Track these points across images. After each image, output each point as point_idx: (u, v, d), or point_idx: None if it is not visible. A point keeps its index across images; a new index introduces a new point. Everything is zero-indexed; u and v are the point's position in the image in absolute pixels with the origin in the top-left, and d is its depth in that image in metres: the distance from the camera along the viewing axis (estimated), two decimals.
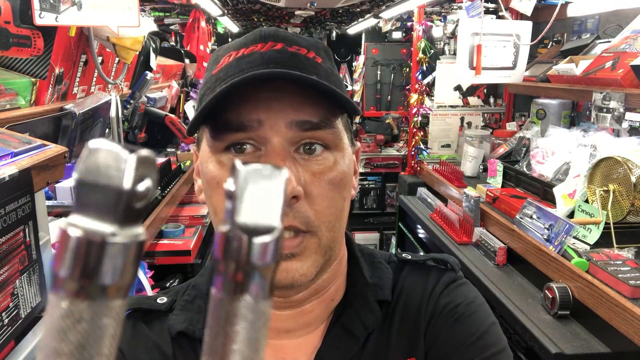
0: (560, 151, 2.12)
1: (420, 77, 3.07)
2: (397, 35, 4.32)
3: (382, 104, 4.69)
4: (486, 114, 3.28)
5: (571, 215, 1.77)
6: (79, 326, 0.19)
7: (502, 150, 2.70)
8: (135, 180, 0.20)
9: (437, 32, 3.43)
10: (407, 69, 4.34)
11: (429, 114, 3.20)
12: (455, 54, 2.88)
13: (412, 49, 3.12)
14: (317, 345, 0.59)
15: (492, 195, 2.19)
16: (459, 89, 3.20)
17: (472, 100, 3.24)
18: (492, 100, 3.26)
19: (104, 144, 0.20)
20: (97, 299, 0.20)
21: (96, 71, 1.58)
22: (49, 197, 1.44)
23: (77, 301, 0.19)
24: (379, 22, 4.00)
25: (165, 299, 0.63)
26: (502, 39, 2.44)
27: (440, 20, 3.45)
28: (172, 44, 3.47)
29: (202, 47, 3.52)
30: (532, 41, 2.42)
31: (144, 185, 0.20)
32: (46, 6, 1.12)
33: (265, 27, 0.56)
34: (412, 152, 3.17)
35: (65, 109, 1.37)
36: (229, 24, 4.43)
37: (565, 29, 2.66)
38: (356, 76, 4.95)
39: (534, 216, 1.79)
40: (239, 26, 4.85)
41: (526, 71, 2.55)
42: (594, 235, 1.62)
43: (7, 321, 0.79)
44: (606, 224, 1.61)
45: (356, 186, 0.63)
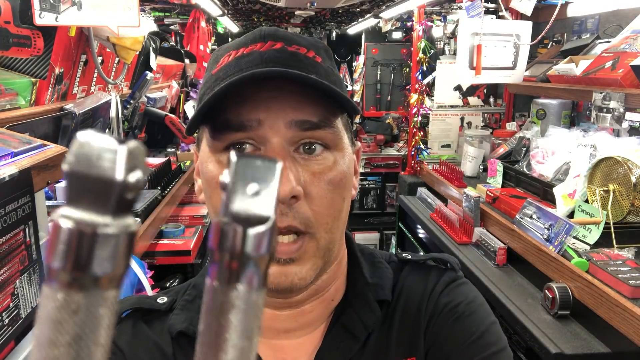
0: (560, 151, 2.12)
1: (420, 77, 3.07)
2: (397, 35, 4.32)
3: (382, 104, 4.69)
4: (486, 114, 3.28)
5: (571, 215, 1.77)
6: (74, 317, 0.19)
7: (502, 150, 2.70)
8: (126, 171, 0.20)
9: (437, 32, 3.43)
10: (407, 69, 4.34)
11: (429, 114, 3.20)
12: (455, 54, 2.88)
13: (412, 49, 3.12)
14: (317, 345, 0.59)
15: (492, 195, 2.19)
16: (459, 89, 3.20)
17: (472, 100, 3.24)
18: (492, 100, 3.26)
19: (93, 136, 0.20)
20: (91, 290, 0.20)
21: (96, 71, 1.58)
22: (49, 197, 1.44)
23: (71, 292, 0.19)
24: (379, 22, 4.00)
25: (165, 299, 0.63)
26: (502, 39, 2.44)
27: (440, 20, 3.45)
28: (172, 44, 3.47)
29: (202, 47, 3.52)
30: (532, 41, 2.42)
31: (134, 176, 0.20)
32: (46, 6, 1.12)
33: (265, 27, 0.55)
34: (412, 152, 3.17)
35: (65, 109, 1.37)
36: (229, 24, 4.42)
37: (565, 29, 2.66)
38: (356, 76, 4.95)
39: (534, 216, 1.79)
40: (239, 26, 4.85)
41: (526, 71, 2.55)
42: (594, 235, 1.62)
43: (7, 321, 0.79)
44: (606, 224, 1.61)
45: (357, 186, 0.62)
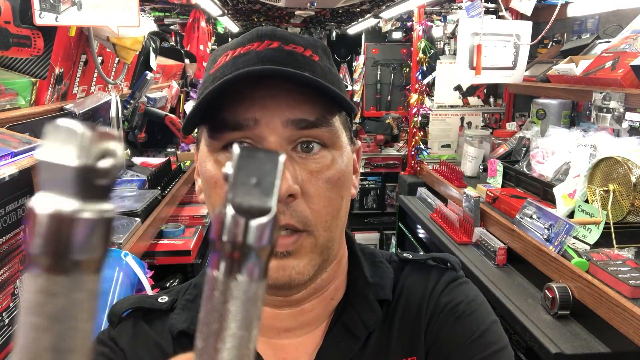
0: (560, 151, 2.12)
1: (420, 77, 3.07)
2: (397, 35, 4.32)
3: (382, 104, 4.69)
4: (486, 114, 3.28)
5: (571, 215, 1.77)
6: (54, 300, 0.20)
7: (502, 150, 2.70)
8: (92, 156, 0.20)
9: (437, 32, 3.42)
10: (407, 69, 4.34)
11: (429, 114, 3.20)
12: (455, 54, 2.88)
13: (412, 49, 3.11)
14: (318, 344, 0.59)
15: (492, 195, 2.19)
16: (459, 89, 3.20)
17: (472, 100, 3.24)
18: (492, 100, 3.26)
19: (63, 122, 0.20)
20: (70, 274, 0.20)
21: (96, 71, 1.58)
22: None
23: (50, 276, 0.20)
24: (379, 22, 3.99)
25: (166, 298, 0.63)
26: (502, 39, 2.44)
27: (440, 20, 3.45)
28: (172, 44, 3.47)
29: (202, 47, 3.52)
30: (532, 41, 2.42)
31: (106, 162, 0.20)
32: (46, 6, 1.12)
33: (262, 27, 0.55)
34: (412, 152, 3.17)
35: (65, 109, 1.37)
36: (229, 24, 4.42)
37: (565, 29, 2.66)
38: (356, 76, 4.95)
39: (534, 216, 1.79)
40: (239, 26, 4.85)
41: (526, 71, 2.55)
42: (594, 235, 1.62)
43: (7, 321, 0.79)
44: (606, 224, 1.61)
45: (357, 185, 0.62)
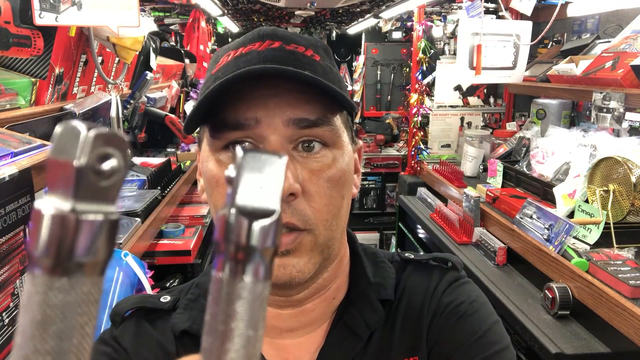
0: (560, 151, 2.12)
1: (420, 77, 3.07)
2: (397, 35, 4.32)
3: (382, 104, 4.69)
4: (486, 114, 3.28)
5: (571, 215, 1.77)
6: (55, 302, 0.20)
7: (502, 150, 2.70)
8: (94, 157, 0.20)
9: (437, 32, 3.42)
10: (407, 69, 4.34)
11: (429, 114, 3.20)
12: (455, 54, 2.88)
13: (412, 49, 3.11)
14: (319, 344, 0.59)
15: (492, 195, 2.18)
16: (459, 89, 3.20)
17: (472, 100, 3.24)
18: (492, 100, 3.26)
19: (69, 123, 0.20)
20: (72, 276, 0.20)
21: (96, 71, 1.58)
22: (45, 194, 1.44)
23: (52, 278, 0.20)
24: (379, 22, 4.00)
25: (168, 298, 0.63)
26: (502, 39, 2.44)
27: (440, 20, 3.45)
28: (172, 44, 3.47)
29: (202, 47, 3.52)
30: (532, 41, 2.42)
31: (109, 164, 0.20)
32: (46, 6, 1.12)
33: (263, 27, 0.56)
34: (412, 152, 3.17)
35: (65, 109, 1.37)
36: (229, 24, 4.42)
37: (565, 29, 2.66)
38: (356, 76, 4.95)
39: (534, 216, 1.79)
40: (239, 26, 4.85)
41: (526, 71, 2.55)
42: (594, 235, 1.62)
43: (7, 321, 0.79)
44: (606, 224, 1.61)
45: (358, 184, 0.62)
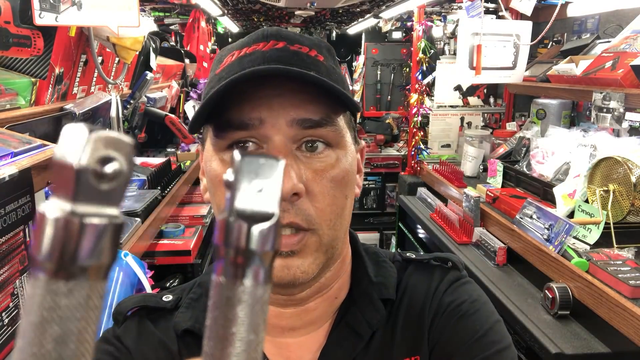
0: (560, 151, 2.12)
1: (420, 77, 3.07)
2: (397, 35, 4.32)
3: (382, 104, 4.69)
4: (486, 114, 3.28)
5: (571, 215, 1.77)
6: (57, 305, 0.19)
7: (502, 150, 2.70)
8: (94, 160, 0.20)
9: (437, 32, 3.42)
10: (407, 69, 4.34)
11: (429, 114, 3.20)
12: (455, 54, 2.88)
13: (412, 49, 3.11)
14: (321, 343, 0.59)
15: (492, 195, 2.18)
16: (459, 89, 3.20)
17: (472, 100, 3.24)
18: (492, 100, 3.26)
19: (72, 125, 0.20)
20: (75, 280, 0.20)
21: (96, 71, 1.58)
22: (48, 197, 1.44)
23: (55, 281, 0.19)
24: (379, 22, 4.00)
25: (170, 297, 0.64)
26: (502, 39, 2.44)
27: (440, 20, 3.45)
28: (172, 44, 3.47)
29: (202, 47, 3.52)
30: (532, 41, 2.42)
31: (111, 166, 0.20)
32: (46, 6, 1.12)
33: (268, 27, 0.56)
34: (412, 152, 3.17)
35: (65, 109, 1.37)
36: (229, 24, 4.42)
37: (565, 29, 2.66)
38: (356, 76, 4.95)
39: (534, 216, 1.79)
40: (239, 26, 4.85)
41: (526, 71, 2.55)
42: (594, 235, 1.62)
43: (7, 321, 0.79)
44: (606, 224, 1.61)
45: (361, 185, 0.63)
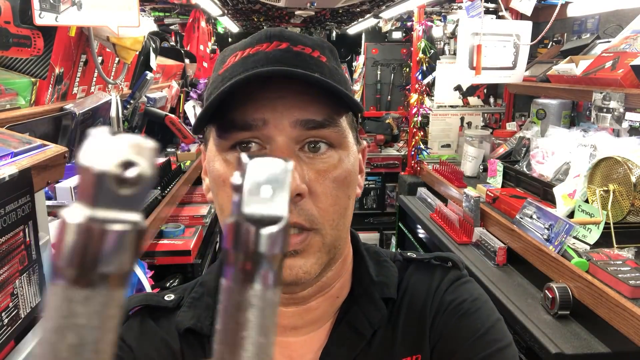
0: (560, 151, 2.12)
1: (420, 77, 3.07)
2: (397, 35, 4.33)
3: (382, 104, 4.69)
4: (486, 114, 3.28)
5: (571, 215, 1.77)
6: (77, 313, 0.19)
7: (502, 150, 2.70)
8: (115, 164, 0.19)
9: (437, 32, 3.42)
10: (407, 69, 4.34)
11: (429, 114, 3.20)
12: (455, 54, 2.88)
13: (412, 49, 3.11)
14: (323, 342, 0.59)
15: (492, 195, 2.18)
16: (459, 89, 3.20)
17: (472, 100, 3.24)
18: (492, 100, 3.26)
19: (95, 130, 0.20)
20: (97, 287, 0.19)
21: (96, 71, 1.58)
22: (49, 197, 1.44)
23: (75, 289, 0.19)
24: (379, 22, 4.00)
25: (172, 296, 0.64)
26: (502, 39, 2.44)
27: (440, 20, 3.45)
28: (172, 44, 3.46)
29: (202, 47, 3.52)
30: (532, 41, 2.42)
31: (133, 171, 0.20)
32: (46, 6, 1.11)
33: (270, 28, 0.56)
34: (412, 152, 3.17)
35: (65, 109, 1.37)
36: (229, 24, 4.43)
37: (565, 29, 2.66)
38: (356, 76, 4.95)
39: (534, 216, 1.79)
40: (239, 26, 4.85)
41: (526, 71, 2.55)
42: (594, 235, 1.62)
43: (6, 321, 0.79)
44: (606, 224, 1.61)
45: (362, 185, 0.63)
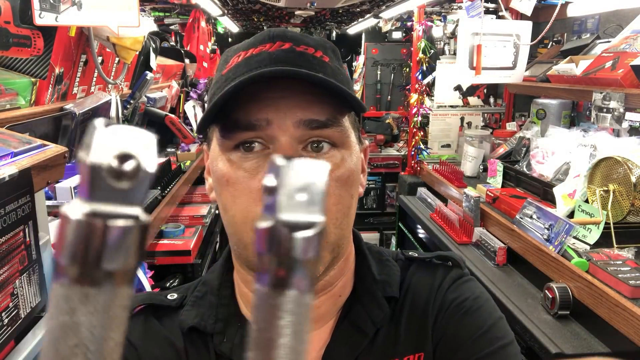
0: (560, 151, 2.12)
1: (420, 77, 3.07)
2: (397, 35, 4.33)
3: (382, 104, 4.69)
4: (486, 114, 3.28)
5: (571, 215, 1.77)
6: (81, 312, 0.19)
7: (502, 150, 2.70)
8: (110, 156, 0.19)
9: (437, 32, 3.43)
10: (407, 69, 4.34)
11: (429, 114, 3.20)
12: (455, 54, 2.88)
13: (412, 49, 3.11)
14: (326, 340, 0.59)
15: (492, 195, 2.18)
16: (459, 89, 3.20)
17: (472, 100, 3.24)
18: (492, 100, 3.26)
19: (92, 123, 0.20)
20: (101, 286, 0.19)
21: (96, 71, 1.58)
22: (49, 197, 1.44)
23: (79, 287, 0.19)
24: (379, 22, 4.00)
25: (175, 295, 0.64)
26: (502, 39, 2.44)
27: (440, 20, 3.45)
28: (172, 44, 3.46)
29: (202, 47, 3.52)
30: (532, 41, 2.42)
31: (130, 164, 0.19)
32: (46, 6, 1.11)
33: (273, 28, 0.57)
34: (412, 152, 3.17)
35: (65, 109, 1.37)
36: (229, 24, 4.43)
37: (565, 29, 2.66)
38: (356, 76, 4.95)
39: (534, 216, 1.79)
40: (239, 26, 4.85)
41: (526, 71, 2.55)
42: (594, 235, 1.62)
43: (7, 321, 0.79)
44: (606, 224, 1.61)
45: (364, 184, 0.63)
